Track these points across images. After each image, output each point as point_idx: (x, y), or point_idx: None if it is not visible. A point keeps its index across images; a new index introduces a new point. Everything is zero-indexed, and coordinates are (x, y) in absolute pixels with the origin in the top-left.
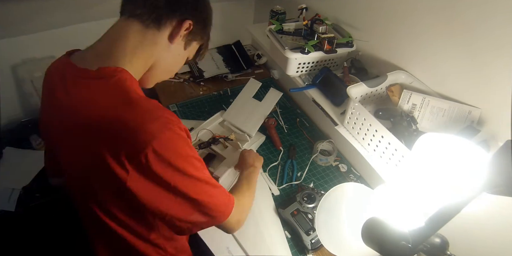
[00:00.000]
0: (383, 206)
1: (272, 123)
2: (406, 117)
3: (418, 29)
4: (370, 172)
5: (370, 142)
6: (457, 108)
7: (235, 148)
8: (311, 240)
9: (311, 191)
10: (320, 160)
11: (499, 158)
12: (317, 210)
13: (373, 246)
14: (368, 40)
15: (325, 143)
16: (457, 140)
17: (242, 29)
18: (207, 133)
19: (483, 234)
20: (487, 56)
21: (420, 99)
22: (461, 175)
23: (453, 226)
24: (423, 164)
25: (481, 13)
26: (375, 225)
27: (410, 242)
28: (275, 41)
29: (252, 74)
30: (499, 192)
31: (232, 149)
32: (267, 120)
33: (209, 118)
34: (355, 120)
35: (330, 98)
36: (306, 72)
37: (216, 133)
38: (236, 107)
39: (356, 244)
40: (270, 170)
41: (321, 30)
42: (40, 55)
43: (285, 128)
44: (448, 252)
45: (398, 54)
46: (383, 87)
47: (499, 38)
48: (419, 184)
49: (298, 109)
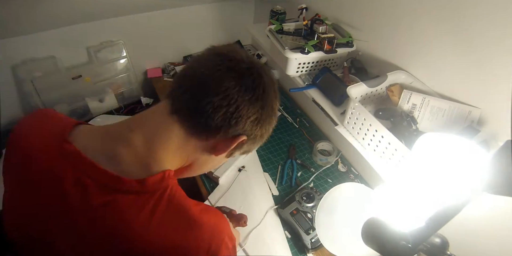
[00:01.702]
0: (383, 206)
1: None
2: (406, 117)
3: (418, 29)
4: (370, 172)
5: (370, 142)
6: (457, 108)
7: None
8: (311, 239)
9: (310, 191)
10: (320, 160)
11: (499, 158)
12: (317, 210)
13: (373, 246)
14: (368, 40)
15: (325, 143)
16: (457, 140)
17: (242, 29)
18: None
19: (483, 234)
20: (487, 56)
21: (420, 99)
22: (461, 175)
23: (453, 226)
24: (423, 164)
25: (481, 13)
26: (375, 225)
27: (410, 242)
28: (275, 41)
29: None
30: (499, 192)
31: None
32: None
33: None
34: (355, 120)
35: (330, 98)
36: (306, 72)
37: None
38: None
39: (356, 244)
40: (270, 170)
41: (321, 30)
42: (40, 55)
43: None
44: (448, 252)
45: (398, 54)
46: (383, 87)
47: (499, 38)
48: (419, 184)
49: (298, 109)
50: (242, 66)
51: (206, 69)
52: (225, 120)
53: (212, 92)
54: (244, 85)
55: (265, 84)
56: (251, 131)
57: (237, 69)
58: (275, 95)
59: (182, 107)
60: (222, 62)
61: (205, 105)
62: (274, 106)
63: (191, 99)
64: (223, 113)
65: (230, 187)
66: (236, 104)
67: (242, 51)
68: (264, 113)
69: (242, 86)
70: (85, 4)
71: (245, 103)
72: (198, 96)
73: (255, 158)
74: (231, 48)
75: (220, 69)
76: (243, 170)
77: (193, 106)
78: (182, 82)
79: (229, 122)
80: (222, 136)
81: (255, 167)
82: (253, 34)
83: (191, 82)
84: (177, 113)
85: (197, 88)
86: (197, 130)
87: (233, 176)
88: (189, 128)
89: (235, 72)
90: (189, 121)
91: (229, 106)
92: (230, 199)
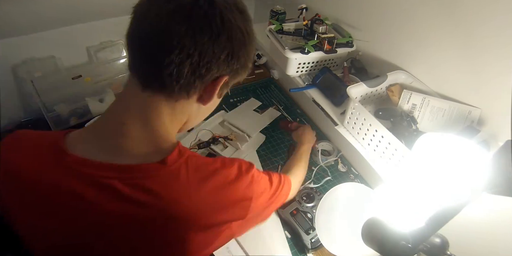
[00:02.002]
0: (383, 206)
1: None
2: (406, 117)
3: (419, 29)
4: (370, 172)
5: (370, 142)
6: (457, 108)
7: (235, 148)
8: (311, 239)
9: (309, 190)
10: (320, 160)
11: (499, 158)
12: (317, 210)
13: (373, 246)
14: (368, 40)
15: (325, 143)
16: (457, 140)
17: None
18: (207, 133)
19: (483, 234)
20: (487, 56)
21: (420, 99)
22: (461, 175)
23: (453, 226)
24: (423, 164)
25: (481, 13)
26: (375, 225)
27: (410, 242)
28: (275, 41)
29: (252, 74)
30: (499, 192)
31: (232, 149)
32: (290, 125)
33: (209, 118)
34: (355, 120)
35: (330, 98)
36: (306, 72)
37: (216, 133)
38: (237, 113)
39: (356, 244)
40: (270, 170)
41: (321, 30)
42: (40, 55)
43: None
44: (448, 252)
45: (398, 54)
46: (383, 87)
47: (499, 38)
48: (419, 184)
49: (298, 109)
50: (185, 2)
51: (148, 23)
52: (194, 72)
53: (166, 50)
54: (197, 25)
55: (221, 10)
56: (229, 68)
57: (181, 8)
58: (240, 16)
59: (150, 80)
60: (162, 7)
61: (168, 68)
62: (243, 28)
63: (152, 69)
64: (189, 67)
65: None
66: (198, 51)
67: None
68: (234, 44)
69: (196, 27)
70: (85, 4)
71: (206, 46)
72: (156, 62)
73: (255, 158)
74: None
75: (162, 18)
76: None
77: (158, 75)
78: (133, 48)
79: (200, 72)
80: (201, 86)
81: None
82: None
83: (141, 47)
84: (150, 88)
85: (150, 52)
86: (176, 93)
87: None
88: (169, 95)
89: (180, 14)
90: (164, 90)
91: (191, 57)
92: None
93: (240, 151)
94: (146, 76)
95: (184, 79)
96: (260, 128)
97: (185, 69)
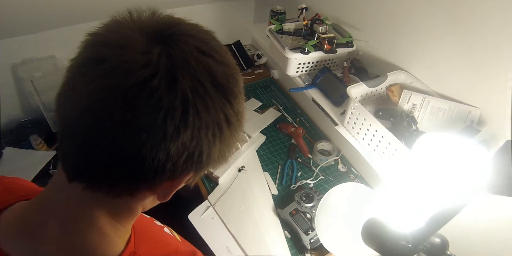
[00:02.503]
0: (383, 206)
1: (301, 131)
2: (406, 117)
3: (418, 29)
4: (370, 172)
5: (370, 142)
6: (457, 108)
7: (234, 148)
8: (310, 239)
9: (309, 191)
10: (320, 160)
11: (499, 158)
12: (316, 210)
13: (373, 246)
14: (368, 40)
15: (325, 143)
16: (457, 140)
17: (242, 29)
18: None
19: (483, 234)
20: (487, 56)
21: (420, 99)
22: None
23: (453, 226)
24: (423, 164)
25: (481, 13)
26: (375, 225)
27: (410, 242)
28: (275, 41)
29: (252, 74)
30: (499, 192)
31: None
32: (294, 129)
33: None
34: (355, 120)
35: (330, 98)
36: (306, 72)
37: None
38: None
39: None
40: (270, 170)
41: (321, 30)
42: (40, 55)
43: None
44: (448, 252)
45: (398, 54)
46: (383, 87)
47: (499, 38)
48: (419, 184)
49: (298, 109)
50: (141, 76)
51: (83, 96)
52: (149, 174)
53: (101, 137)
54: (143, 119)
55: (184, 95)
56: (193, 167)
57: (119, 90)
58: (218, 97)
59: (81, 171)
60: (102, 76)
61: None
62: (222, 117)
63: (80, 157)
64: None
65: (230, 187)
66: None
67: (138, 39)
68: (203, 142)
69: (141, 121)
70: (85, 4)
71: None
72: (88, 148)
73: (255, 158)
74: (117, 37)
75: (103, 96)
76: (243, 170)
77: (87, 166)
78: (63, 125)
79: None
80: (159, 186)
81: (255, 167)
82: (253, 34)
83: (74, 123)
84: (86, 182)
85: (83, 136)
86: (117, 191)
87: (233, 176)
88: (107, 193)
89: (124, 96)
90: (95, 185)
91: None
92: (230, 199)
93: (240, 151)
94: (74, 168)
95: (132, 180)
96: (260, 128)
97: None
